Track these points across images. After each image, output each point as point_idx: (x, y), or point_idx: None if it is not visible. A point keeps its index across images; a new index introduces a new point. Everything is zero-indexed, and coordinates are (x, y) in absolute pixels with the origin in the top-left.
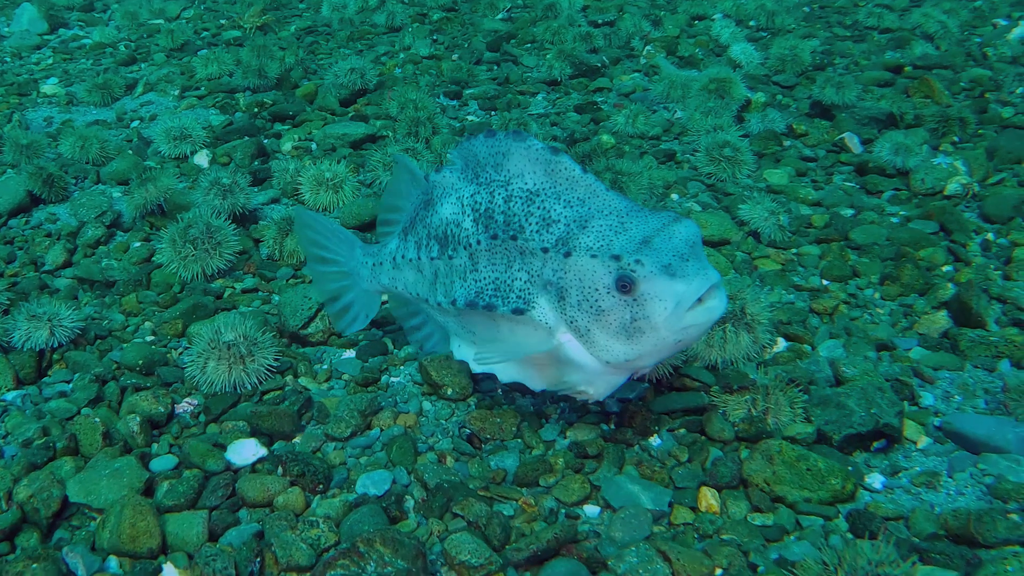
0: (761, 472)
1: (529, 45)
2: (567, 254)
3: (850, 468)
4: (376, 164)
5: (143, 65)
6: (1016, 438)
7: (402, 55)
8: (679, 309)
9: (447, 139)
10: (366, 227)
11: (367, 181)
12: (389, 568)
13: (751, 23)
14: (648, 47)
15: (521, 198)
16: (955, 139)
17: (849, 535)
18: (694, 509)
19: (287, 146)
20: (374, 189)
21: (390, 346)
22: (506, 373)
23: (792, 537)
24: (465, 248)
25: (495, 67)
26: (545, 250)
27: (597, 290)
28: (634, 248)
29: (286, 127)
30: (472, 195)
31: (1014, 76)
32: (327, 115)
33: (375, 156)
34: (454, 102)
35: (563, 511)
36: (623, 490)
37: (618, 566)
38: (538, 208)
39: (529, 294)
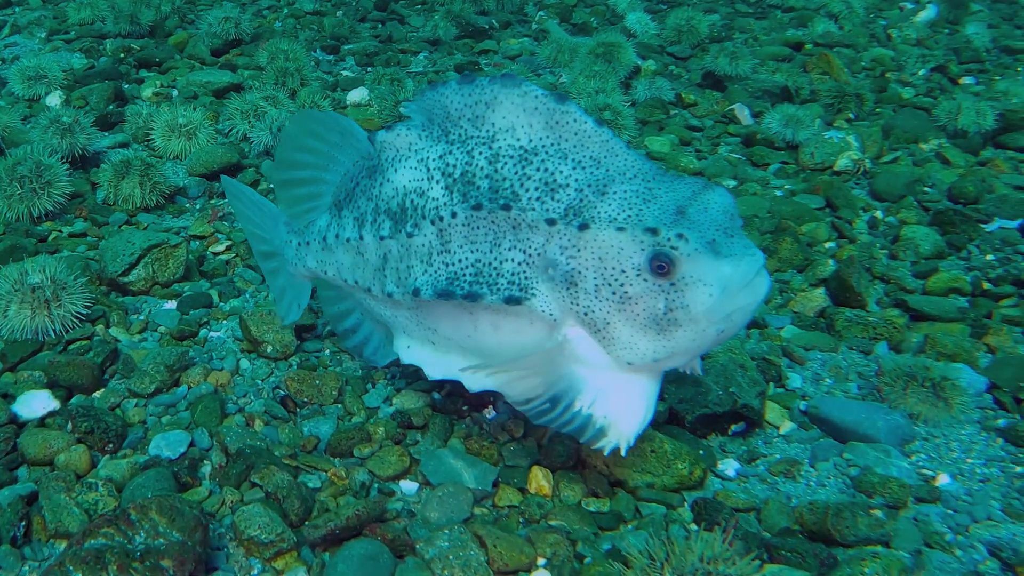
0: (600, 454)
1: (420, 7)
2: (583, 226)
3: (701, 452)
4: (233, 112)
5: (17, 9)
6: (886, 426)
7: (286, 10)
8: (725, 296)
9: (315, 91)
10: (214, 175)
11: (224, 130)
12: (161, 540)
13: None
14: (541, 12)
15: (512, 158)
16: (851, 116)
17: (693, 526)
18: (523, 491)
19: (147, 92)
20: (231, 138)
21: (215, 298)
22: (477, 378)
23: (630, 526)
24: (433, 223)
25: (379, 25)
26: (551, 222)
27: (624, 272)
28: (671, 220)
29: (152, 74)
30: (441, 156)
31: (917, 57)
32: (196, 64)
33: (232, 104)
34: (330, 57)
35: (376, 486)
36: (444, 465)
37: (426, 550)
38: (537, 170)
39: (525, 279)
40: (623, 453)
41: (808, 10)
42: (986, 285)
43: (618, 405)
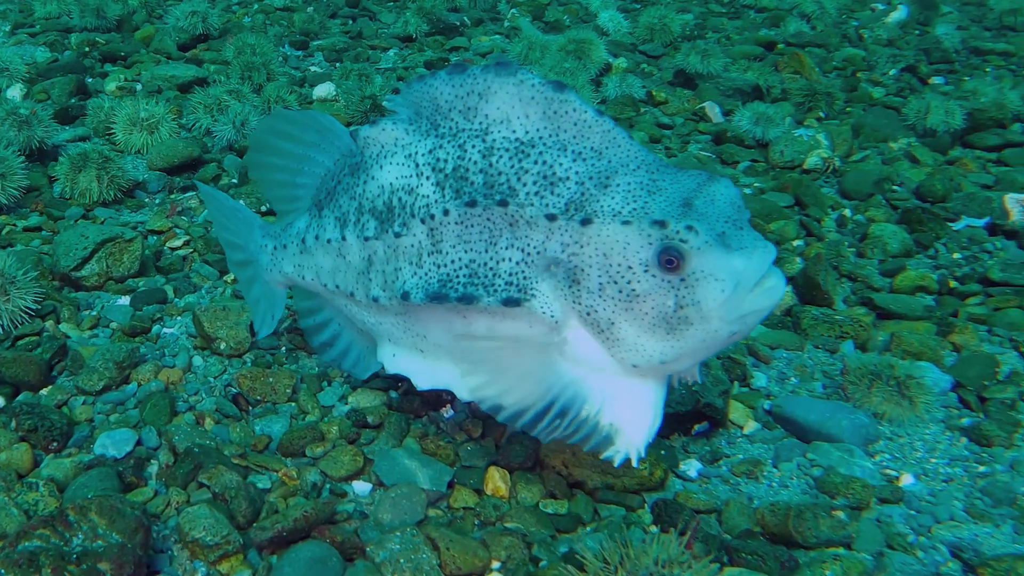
0: (560, 452)
1: (391, 3)
2: (585, 221)
3: (663, 452)
4: (196, 106)
5: None
6: (850, 425)
7: (256, 5)
8: (739, 292)
9: (281, 86)
10: (175, 170)
11: (188, 124)
12: (100, 542)
13: None
14: (513, 10)
15: (508, 151)
16: (821, 114)
17: (653, 528)
18: (479, 492)
19: (111, 86)
20: (194, 133)
21: (170, 294)
22: (470, 387)
23: (588, 529)
24: (423, 222)
25: (350, 21)
26: (552, 217)
27: (630, 268)
28: (678, 212)
29: (116, 68)
30: (431, 151)
31: (888, 57)
32: (162, 58)
33: (195, 98)
34: (299, 52)
35: (328, 486)
36: (399, 465)
37: (377, 553)
38: (535, 163)
39: (524, 278)
40: (634, 463)
41: (781, 10)
42: (952, 283)
43: (625, 411)
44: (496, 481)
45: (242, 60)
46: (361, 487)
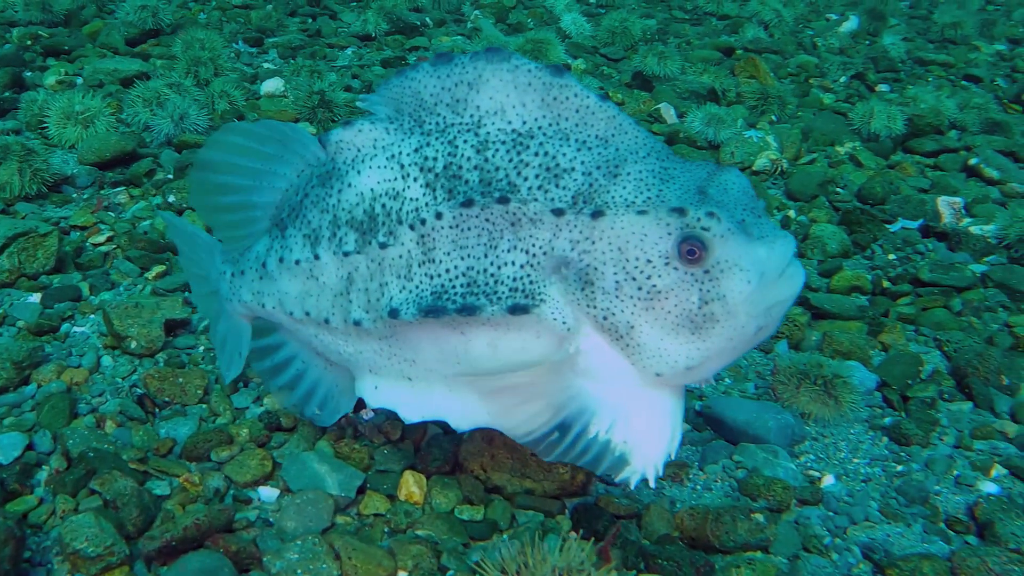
0: (478, 456)
1: (354, 4)
2: (596, 214)
3: None
4: (135, 100)
5: None
6: (776, 426)
7: (213, 2)
8: (764, 283)
9: (229, 81)
10: (107, 164)
11: (127, 119)
12: None
13: (591, 0)
14: (477, 12)
15: (505, 144)
16: (773, 118)
17: (572, 535)
18: (392, 497)
19: (50, 79)
20: (133, 128)
21: (85, 291)
22: (467, 414)
23: (504, 536)
24: (412, 228)
25: (309, 20)
26: (559, 212)
27: (649, 261)
28: (696, 200)
29: (58, 62)
30: (417, 150)
31: (839, 65)
32: (108, 53)
33: (135, 91)
34: (252, 49)
35: (232, 492)
36: (308, 470)
37: (273, 564)
38: (536, 155)
39: (531, 283)
40: (651, 484)
41: (741, 18)
42: (886, 284)
43: (640, 427)
44: (411, 486)
45: (190, 55)
46: (268, 493)
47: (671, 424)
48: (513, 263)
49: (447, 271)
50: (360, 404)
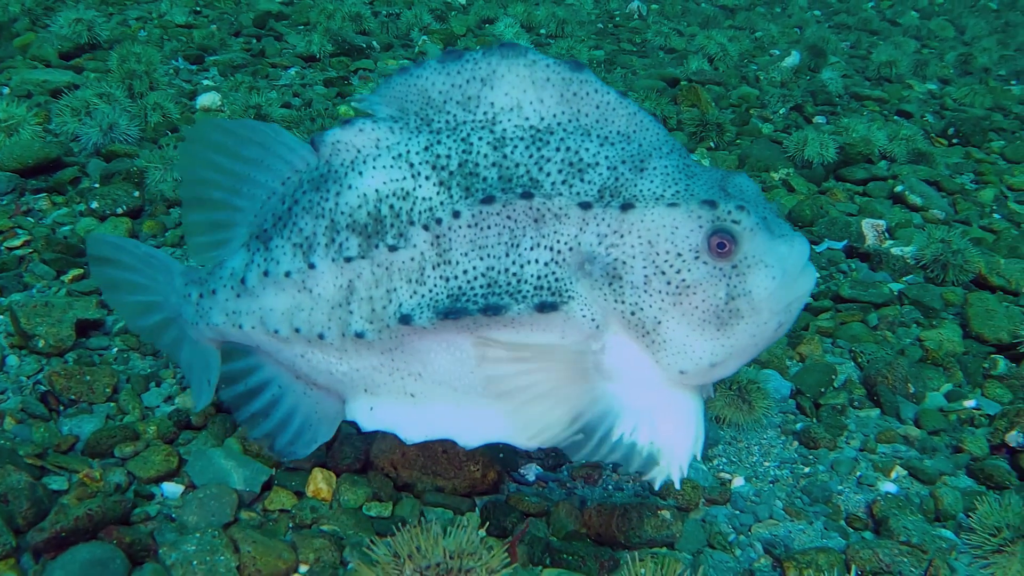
0: (389, 453)
1: (301, 27)
2: (626, 206)
3: (500, 455)
4: (63, 109)
5: None
6: None
7: (155, 20)
8: (786, 279)
9: (165, 95)
10: (29, 171)
11: (55, 128)
12: None
13: (541, 31)
14: (424, 37)
15: (523, 140)
16: (711, 144)
17: (480, 532)
18: (300, 494)
19: None
20: (61, 137)
21: None
22: (476, 429)
23: (404, 534)
24: (426, 228)
25: (254, 41)
26: (586, 205)
27: (679, 255)
28: (722, 195)
29: None
30: (427, 148)
31: (779, 97)
32: (39, 65)
33: (63, 100)
34: (192, 66)
35: (134, 488)
36: (213, 465)
37: (169, 555)
38: (557, 150)
39: (556, 280)
40: (677, 484)
41: (688, 51)
42: (808, 300)
43: (666, 427)
44: (319, 483)
45: (125, 68)
46: (172, 489)
47: (695, 424)
48: (536, 261)
49: (464, 272)
50: None
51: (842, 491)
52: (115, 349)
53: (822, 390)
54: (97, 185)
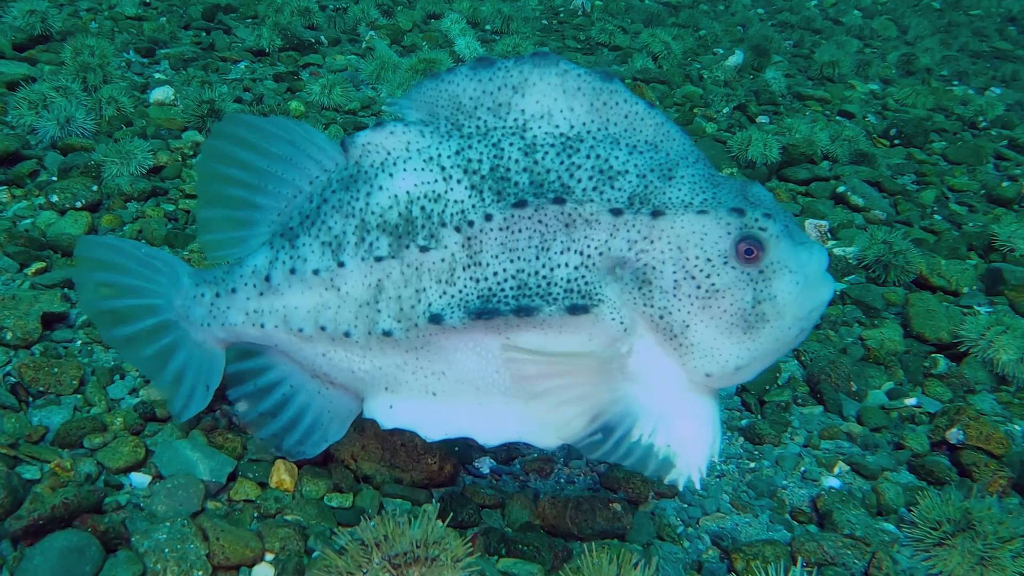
0: (349, 446)
1: (249, 21)
2: (656, 213)
3: (456, 448)
4: (20, 102)
5: None
6: None
7: (106, 12)
8: (808, 285)
9: (118, 88)
10: None
11: (11, 121)
12: None
13: (487, 27)
14: (371, 32)
15: (554, 147)
16: None
17: (438, 523)
18: (263, 485)
19: None
20: (18, 130)
21: None
22: (496, 428)
23: (371, 523)
24: (458, 230)
25: (203, 34)
26: (617, 212)
27: (709, 260)
28: (747, 203)
29: None
30: (459, 152)
31: (722, 96)
32: None
33: (20, 93)
34: (144, 59)
35: (104, 477)
36: (180, 456)
37: (141, 543)
38: (587, 157)
39: (586, 283)
40: (697, 486)
41: (632, 49)
42: None
43: (683, 431)
44: (282, 474)
45: (79, 61)
46: (139, 479)
47: (712, 427)
48: (567, 264)
49: (494, 274)
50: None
51: (787, 486)
52: (79, 342)
53: (767, 387)
54: (55, 179)
